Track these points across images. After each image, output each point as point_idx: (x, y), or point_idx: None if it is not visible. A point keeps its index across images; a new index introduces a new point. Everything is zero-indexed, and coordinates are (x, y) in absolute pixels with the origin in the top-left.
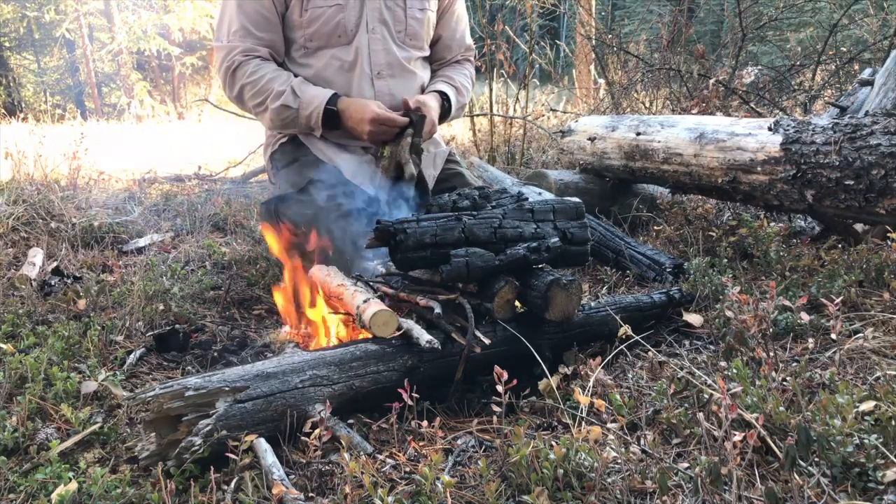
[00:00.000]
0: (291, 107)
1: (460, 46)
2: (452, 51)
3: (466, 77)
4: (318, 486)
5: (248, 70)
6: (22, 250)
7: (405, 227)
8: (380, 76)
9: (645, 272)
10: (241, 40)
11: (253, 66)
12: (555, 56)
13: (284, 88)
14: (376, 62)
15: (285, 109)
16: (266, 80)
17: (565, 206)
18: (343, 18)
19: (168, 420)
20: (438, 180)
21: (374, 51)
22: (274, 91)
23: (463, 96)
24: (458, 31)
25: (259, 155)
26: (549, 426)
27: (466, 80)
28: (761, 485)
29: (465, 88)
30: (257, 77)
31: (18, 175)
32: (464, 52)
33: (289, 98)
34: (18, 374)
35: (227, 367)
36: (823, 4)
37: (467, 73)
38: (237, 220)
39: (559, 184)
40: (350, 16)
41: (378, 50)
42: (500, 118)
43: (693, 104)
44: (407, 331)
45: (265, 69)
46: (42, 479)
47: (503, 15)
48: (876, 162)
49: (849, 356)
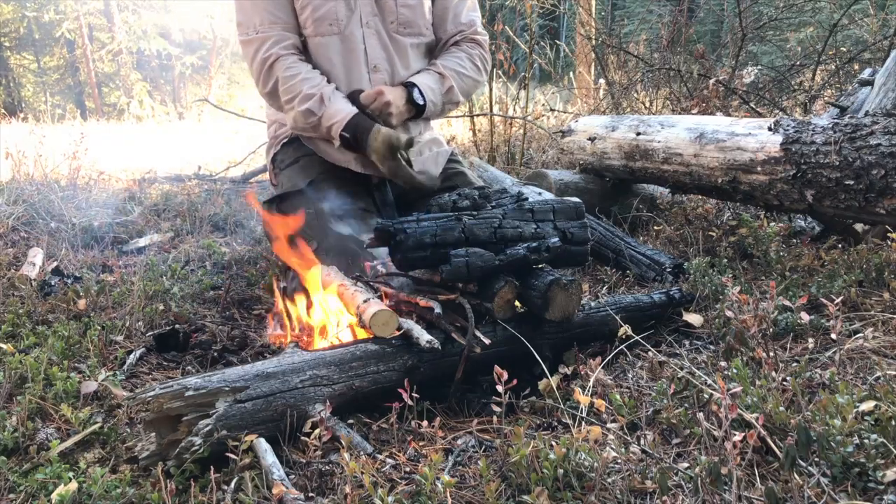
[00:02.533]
0: (315, 113)
1: (455, 25)
2: (447, 31)
3: (461, 59)
4: (318, 486)
5: (285, 65)
6: (22, 250)
7: (405, 227)
8: (376, 70)
9: (645, 272)
10: (270, 27)
11: (290, 62)
12: (555, 56)
13: (314, 93)
14: (372, 56)
15: (310, 115)
16: (299, 79)
17: (565, 206)
18: (333, 7)
19: (168, 420)
20: (440, 179)
21: (370, 45)
22: (303, 93)
23: (451, 80)
24: (451, 7)
25: (259, 155)
26: (549, 426)
27: (460, 62)
28: (761, 485)
29: (457, 72)
30: (292, 73)
31: (18, 175)
32: (462, 31)
33: (315, 104)
34: (18, 374)
35: (227, 367)
36: (823, 4)
37: (463, 55)
38: (237, 220)
39: (559, 184)
40: (340, 6)
41: (374, 44)
42: (500, 118)
43: (693, 104)
44: (407, 331)
45: (301, 67)
46: (42, 479)
47: (503, 15)
48: (876, 162)
49: (849, 356)
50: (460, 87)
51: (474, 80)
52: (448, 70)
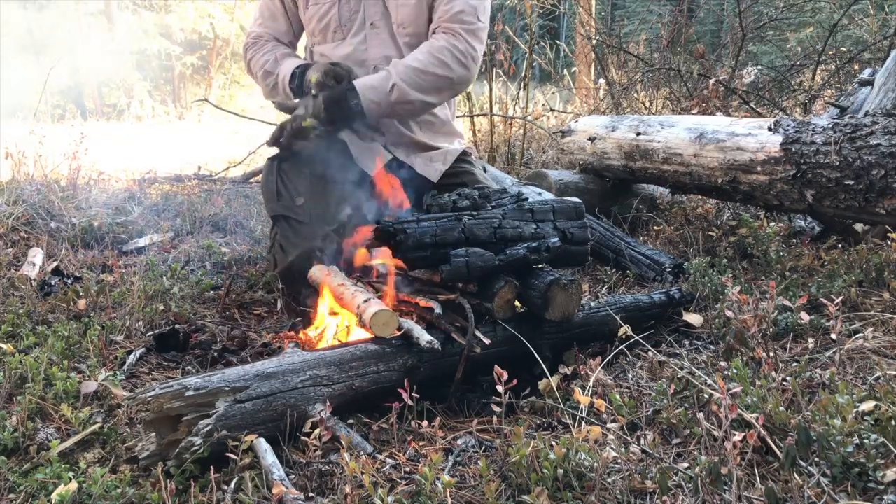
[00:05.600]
0: (271, 72)
1: (441, 17)
2: (435, 23)
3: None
4: (318, 486)
5: (255, 48)
6: (22, 250)
7: (405, 227)
8: (377, 71)
9: (645, 272)
10: (258, 27)
11: (260, 44)
12: (555, 56)
13: (269, 58)
14: (373, 57)
15: (268, 75)
16: (262, 52)
17: (565, 206)
18: (335, 15)
19: (168, 420)
20: (447, 175)
21: (372, 46)
22: (263, 59)
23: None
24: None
25: (259, 155)
26: (549, 426)
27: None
28: (761, 485)
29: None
30: (258, 50)
31: (18, 175)
32: (441, 19)
33: (270, 65)
34: (18, 374)
35: (227, 367)
36: (823, 4)
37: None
38: (237, 221)
39: (559, 184)
40: (343, 12)
41: (375, 45)
42: (499, 118)
43: (693, 104)
44: (407, 331)
45: (267, 47)
46: (42, 479)
47: (503, 15)
48: (876, 162)
49: (849, 356)
50: (415, 84)
51: (438, 76)
52: (405, 63)
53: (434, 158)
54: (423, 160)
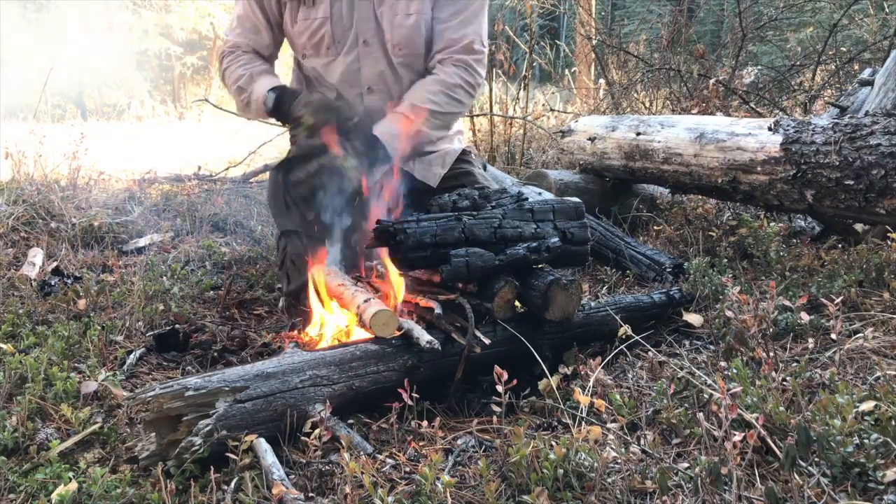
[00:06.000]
0: (245, 89)
1: (450, 47)
2: (437, 47)
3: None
4: (318, 486)
5: (231, 58)
6: (22, 250)
7: (405, 227)
8: (370, 91)
9: (645, 272)
10: (236, 37)
11: (235, 55)
12: (555, 56)
13: (244, 73)
14: (366, 76)
15: (241, 91)
16: (238, 64)
17: (565, 206)
18: (328, 31)
19: (168, 420)
20: (447, 178)
21: (365, 65)
22: (238, 73)
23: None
24: (444, 20)
25: (259, 155)
26: (549, 426)
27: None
28: (761, 485)
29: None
30: (233, 61)
31: (18, 175)
32: (448, 48)
33: (244, 81)
34: (18, 374)
35: (227, 367)
36: (823, 4)
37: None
38: (237, 221)
39: (559, 184)
40: (336, 29)
41: (369, 64)
42: (499, 118)
43: (693, 104)
44: (407, 331)
45: (241, 59)
46: (42, 479)
47: (503, 15)
48: (876, 162)
49: (849, 356)
50: (434, 125)
51: (454, 114)
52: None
53: (433, 162)
54: (422, 165)
